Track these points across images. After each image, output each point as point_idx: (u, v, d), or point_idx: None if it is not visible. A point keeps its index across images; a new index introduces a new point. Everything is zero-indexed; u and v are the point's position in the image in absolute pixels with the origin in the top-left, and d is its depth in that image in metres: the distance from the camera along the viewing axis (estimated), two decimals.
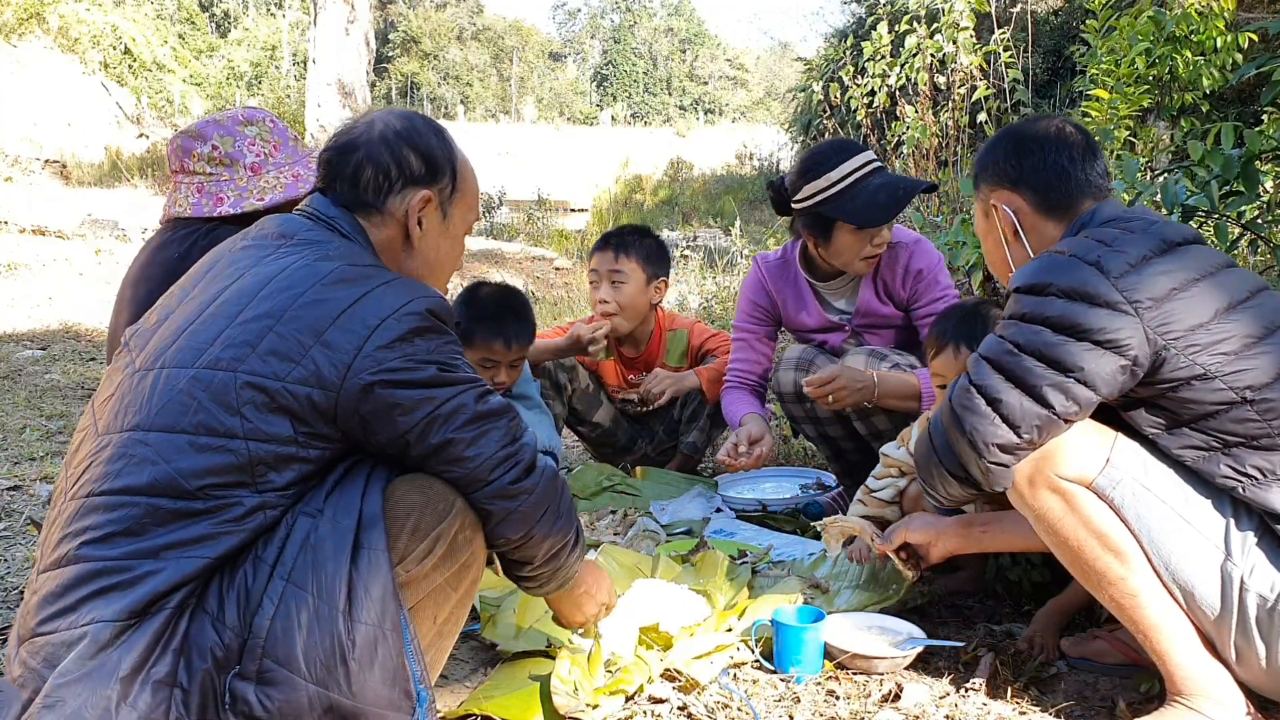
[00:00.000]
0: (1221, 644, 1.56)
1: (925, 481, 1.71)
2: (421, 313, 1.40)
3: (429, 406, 1.38)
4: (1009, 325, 1.59)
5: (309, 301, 1.37)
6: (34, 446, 3.57)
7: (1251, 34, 3.94)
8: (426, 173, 1.59)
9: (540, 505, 1.46)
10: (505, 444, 1.43)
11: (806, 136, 16.09)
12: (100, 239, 8.77)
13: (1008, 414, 1.53)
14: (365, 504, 1.36)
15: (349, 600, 1.29)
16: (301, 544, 1.31)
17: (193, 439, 1.31)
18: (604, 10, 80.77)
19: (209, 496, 1.30)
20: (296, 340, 1.35)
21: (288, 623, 1.28)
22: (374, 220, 1.57)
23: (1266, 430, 1.50)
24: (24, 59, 24.81)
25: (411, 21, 58.05)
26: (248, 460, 1.31)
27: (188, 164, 2.17)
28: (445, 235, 1.64)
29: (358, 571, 1.31)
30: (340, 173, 1.57)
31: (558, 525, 1.50)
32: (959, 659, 1.95)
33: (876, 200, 2.57)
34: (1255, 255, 4.07)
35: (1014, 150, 1.81)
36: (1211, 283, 1.54)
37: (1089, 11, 4.80)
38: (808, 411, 2.82)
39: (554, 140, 33.32)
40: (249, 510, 1.32)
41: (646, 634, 1.91)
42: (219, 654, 1.27)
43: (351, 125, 1.63)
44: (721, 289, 6.53)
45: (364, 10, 11.23)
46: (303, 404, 1.33)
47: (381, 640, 1.31)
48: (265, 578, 1.30)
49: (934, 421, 1.67)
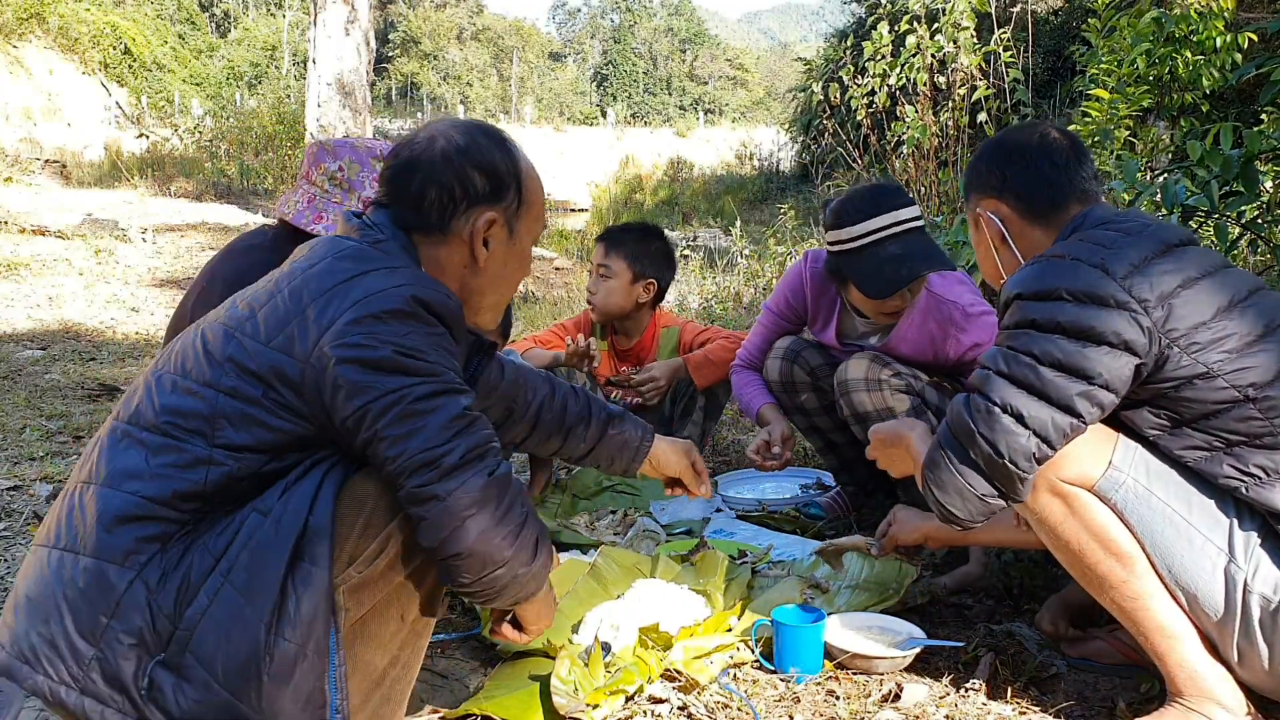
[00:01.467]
0: (1224, 646, 1.56)
1: (943, 507, 1.60)
2: (406, 298, 1.35)
3: (369, 394, 1.30)
4: (1019, 335, 1.54)
5: (317, 271, 1.39)
6: (34, 446, 3.57)
7: (1251, 34, 3.94)
8: (491, 191, 1.53)
9: (457, 515, 1.30)
10: (431, 445, 1.30)
11: (806, 136, 16.10)
12: (100, 239, 8.76)
13: (1039, 428, 1.49)
14: (314, 512, 1.31)
15: (276, 613, 1.26)
16: (245, 543, 1.29)
17: (181, 380, 1.37)
18: (604, 10, 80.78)
19: (168, 434, 1.34)
20: (286, 309, 1.36)
21: (216, 622, 1.26)
22: (434, 239, 1.52)
23: (1269, 429, 1.50)
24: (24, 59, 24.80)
25: (411, 21, 58.03)
26: (212, 411, 1.33)
27: (313, 173, 2.20)
28: (512, 252, 1.58)
29: (292, 584, 1.27)
30: (402, 192, 1.52)
31: (490, 537, 1.32)
32: (959, 659, 1.95)
33: (883, 272, 2.44)
34: (1255, 255, 4.07)
35: (998, 159, 1.81)
36: (1211, 282, 1.54)
37: (1089, 11, 4.80)
38: (795, 402, 2.81)
39: (554, 140, 33.30)
40: (194, 460, 1.32)
41: (646, 634, 1.91)
42: (148, 635, 1.27)
43: (411, 139, 1.57)
44: (721, 289, 6.53)
45: (364, 10, 11.23)
46: (274, 371, 1.33)
47: (302, 660, 1.27)
48: (207, 570, 1.29)
49: (947, 448, 1.58)
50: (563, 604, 2.09)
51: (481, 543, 1.31)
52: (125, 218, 9.84)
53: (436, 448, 1.30)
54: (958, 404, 1.59)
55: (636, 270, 3.24)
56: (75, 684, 1.28)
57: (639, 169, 20.77)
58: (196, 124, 16.42)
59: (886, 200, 2.48)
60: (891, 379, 2.51)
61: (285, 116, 14.69)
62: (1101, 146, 4.19)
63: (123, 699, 1.27)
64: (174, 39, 40.19)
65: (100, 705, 1.27)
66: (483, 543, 1.31)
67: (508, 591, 1.39)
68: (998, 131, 2.02)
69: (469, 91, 58.33)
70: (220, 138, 15.48)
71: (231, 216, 11.53)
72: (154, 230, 9.47)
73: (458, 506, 1.29)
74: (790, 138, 19.46)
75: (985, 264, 1.89)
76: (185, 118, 18.41)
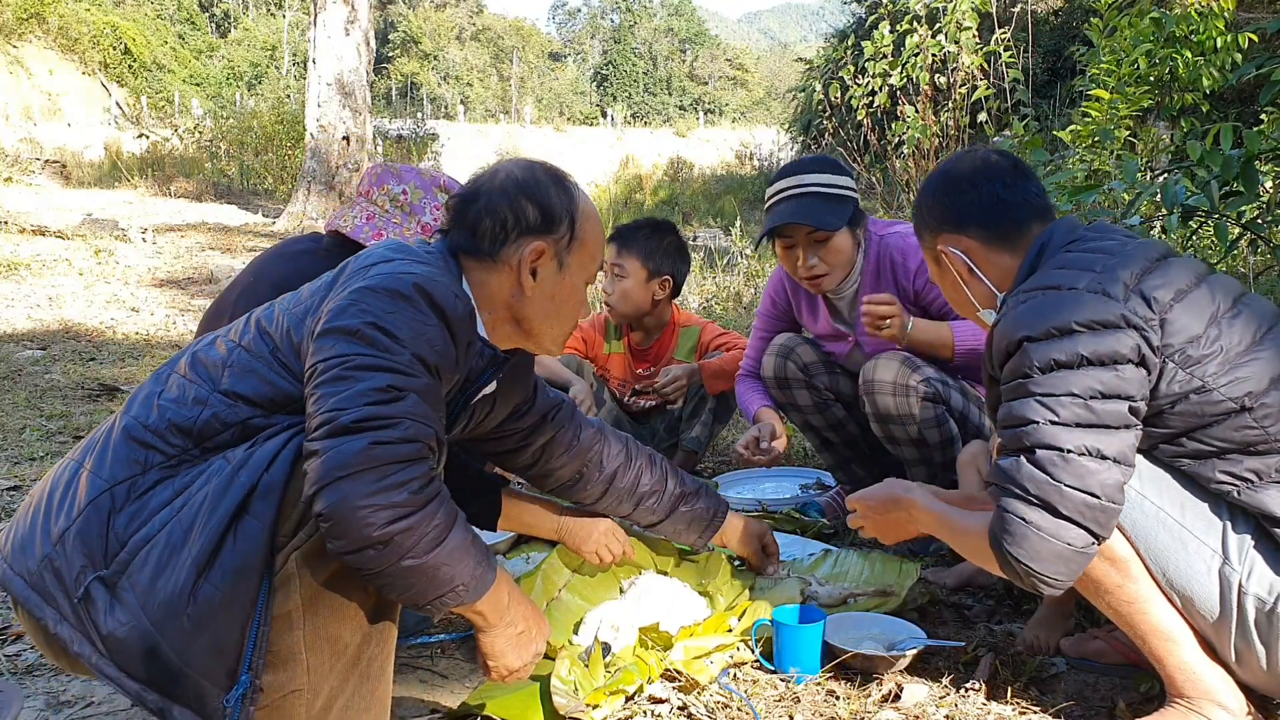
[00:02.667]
0: (1221, 647, 1.56)
1: (1042, 578, 1.49)
2: (410, 283, 1.39)
3: (322, 354, 1.33)
4: (1050, 379, 1.48)
5: (358, 262, 1.49)
6: (34, 446, 3.57)
7: (1251, 34, 3.94)
8: (543, 223, 1.59)
9: (327, 474, 1.24)
10: (339, 406, 1.27)
11: (806, 136, 16.09)
12: (100, 239, 8.77)
13: (1118, 455, 1.47)
14: (271, 469, 1.32)
15: (210, 558, 1.28)
16: (204, 486, 1.33)
17: (221, 338, 1.50)
18: (604, 10, 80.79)
19: (184, 376, 1.45)
20: (326, 286, 1.48)
21: (154, 552, 1.30)
22: (484, 265, 1.59)
23: (1264, 437, 1.50)
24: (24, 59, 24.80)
25: (411, 21, 58.03)
26: (225, 361, 1.44)
27: (374, 193, 2.22)
28: (562, 284, 1.63)
29: (232, 536, 1.29)
30: (462, 220, 1.61)
31: (355, 508, 1.23)
32: (959, 659, 1.95)
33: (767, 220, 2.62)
34: (1255, 255, 4.07)
35: (947, 192, 1.79)
36: (1199, 293, 1.54)
37: (1089, 11, 4.81)
38: (790, 399, 2.81)
39: (554, 140, 33.31)
40: (194, 399, 1.41)
41: (646, 634, 1.91)
42: (96, 549, 1.32)
43: (480, 173, 1.67)
44: (721, 289, 6.53)
45: (364, 10, 11.23)
46: (284, 331, 1.44)
47: (224, 609, 1.27)
48: (165, 502, 1.33)
49: (1028, 518, 1.47)
50: (563, 604, 2.10)
51: (346, 508, 1.23)
52: (125, 218, 9.86)
53: (341, 409, 1.28)
54: (1014, 470, 1.49)
55: (650, 268, 3.23)
56: (28, 578, 1.35)
57: (639, 169, 20.76)
58: (196, 124, 16.43)
59: (796, 167, 2.64)
60: (920, 385, 2.47)
61: (285, 116, 14.70)
62: (1101, 146, 4.19)
63: (64, 602, 1.32)
64: (174, 39, 40.21)
65: (42, 603, 1.33)
66: (347, 509, 1.23)
67: (399, 585, 1.30)
68: (939, 166, 1.93)
69: (469, 91, 58.32)
70: (220, 138, 15.49)
71: (231, 216, 11.54)
72: (154, 230, 9.48)
73: (333, 463, 1.24)
74: (790, 138, 19.46)
75: (956, 299, 1.86)
76: (185, 118, 18.42)
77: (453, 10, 62.56)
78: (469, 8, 64.45)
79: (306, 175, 11.34)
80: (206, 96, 29.47)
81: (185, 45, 41.53)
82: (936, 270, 1.86)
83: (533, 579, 2.10)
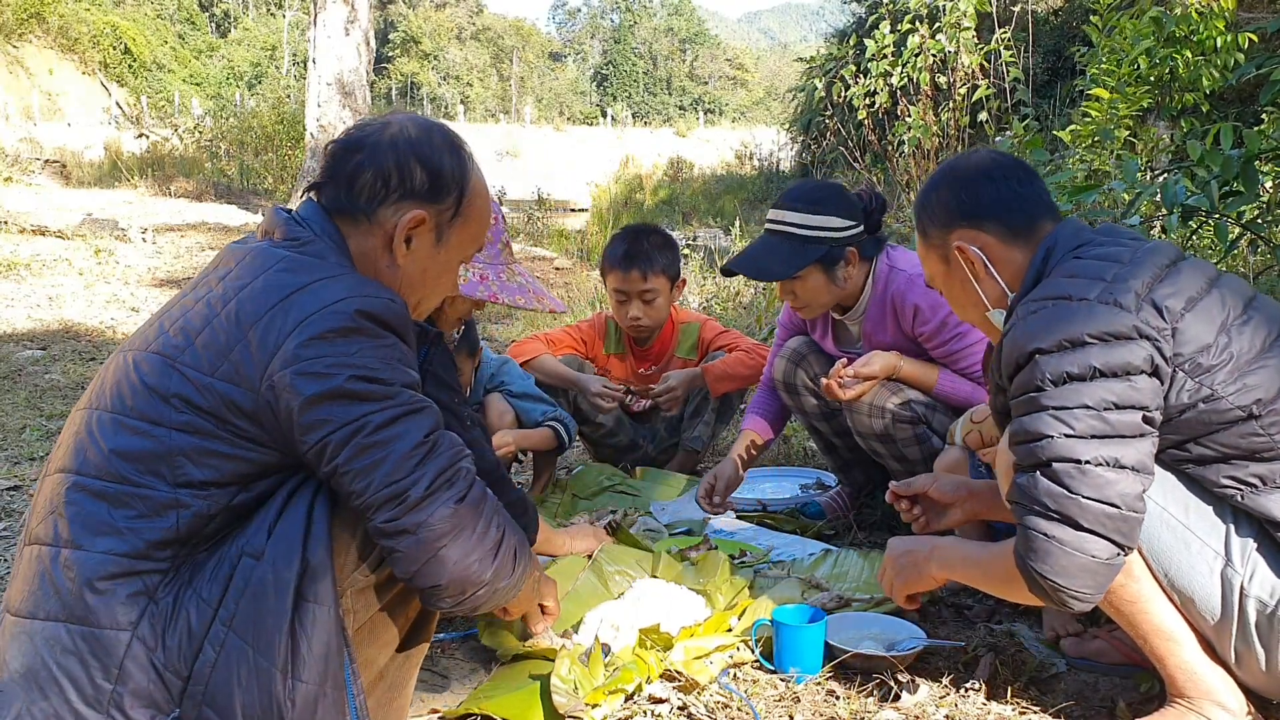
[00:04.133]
0: (1221, 648, 1.56)
1: (1071, 594, 1.47)
2: (350, 312, 1.28)
3: (328, 427, 1.26)
4: (1064, 391, 1.47)
5: (253, 290, 1.31)
6: (34, 446, 3.57)
7: (1251, 34, 3.94)
8: (429, 190, 1.45)
9: (430, 546, 1.27)
10: (396, 478, 1.27)
11: (807, 136, 16.10)
12: (100, 239, 8.77)
13: (1136, 464, 1.45)
14: (309, 548, 1.28)
15: (290, 657, 1.25)
16: (243, 590, 1.26)
17: (123, 419, 1.30)
18: (604, 10, 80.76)
19: (123, 480, 1.27)
20: (227, 334, 1.29)
21: (227, 674, 1.24)
22: (361, 227, 1.44)
23: (1270, 444, 1.49)
24: (24, 59, 24.79)
25: (411, 21, 58.02)
26: (167, 450, 1.27)
27: None
28: (435, 260, 1.49)
29: (300, 626, 1.25)
30: (339, 171, 1.44)
31: (468, 564, 1.30)
32: (959, 659, 1.95)
33: (741, 256, 2.65)
34: (1255, 255, 4.07)
35: (961, 186, 1.75)
36: (1209, 301, 1.52)
37: (1090, 10, 4.81)
38: (797, 404, 2.82)
39: (554, 140, 33.31)
40: (160, 505, 1.27)
41: (646, 634, 1.90)
42: (157, 693, 1.25)
43: (367, 122, 1.51)
44: (721, 289, 6.53)
45: (364, 10, 11.22)
46: (225, 402, 1.27)
47: (322, 699, 1.26)
48: (208, 620, 1.26)
49: (1050, 533, 1.45)
50: (563, 604, 2.09)
51: (459, 570, 1.29)
52: (125, 218, 9.85)
53: (401, 480, 1.27)
54: (1032, 487, 1.48)
55: (671, 276, 3.26)
56: None
57: (639, 169, 20.78)
58: (196, 124, 16.43)
59: (784, 199, 2.62)
60: (896, 408, 2.48)
61: (285, 116, 14.70)
62: (1101, 146, 4.19)
63: None
64: (174, 39, 40.21)
65: None
66: (460, 570, 1.29)
67: (490, 604, 1.38)
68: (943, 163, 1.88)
69: (469, 91, 58.32)
70: (220, 138, 15.49)
71: (231, 216, 11.53)
72: (154, 230, 9.48)
73: (430, 538, 1.27)
74: (790, 138, 19.46)
75: (962, 299, 1.79)
76: (185, 118, 18.41)
77: (453, 10, 62.55)
78: (469, 8, 64.44)
79: (306, 175, 11.35)
80: (206, 96, 29.48)
81: (185, 45, 41.54)
82: (943, 270, 1.79)
83: None
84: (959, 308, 1.84)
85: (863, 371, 2.47)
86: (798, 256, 2.51)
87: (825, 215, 2.51)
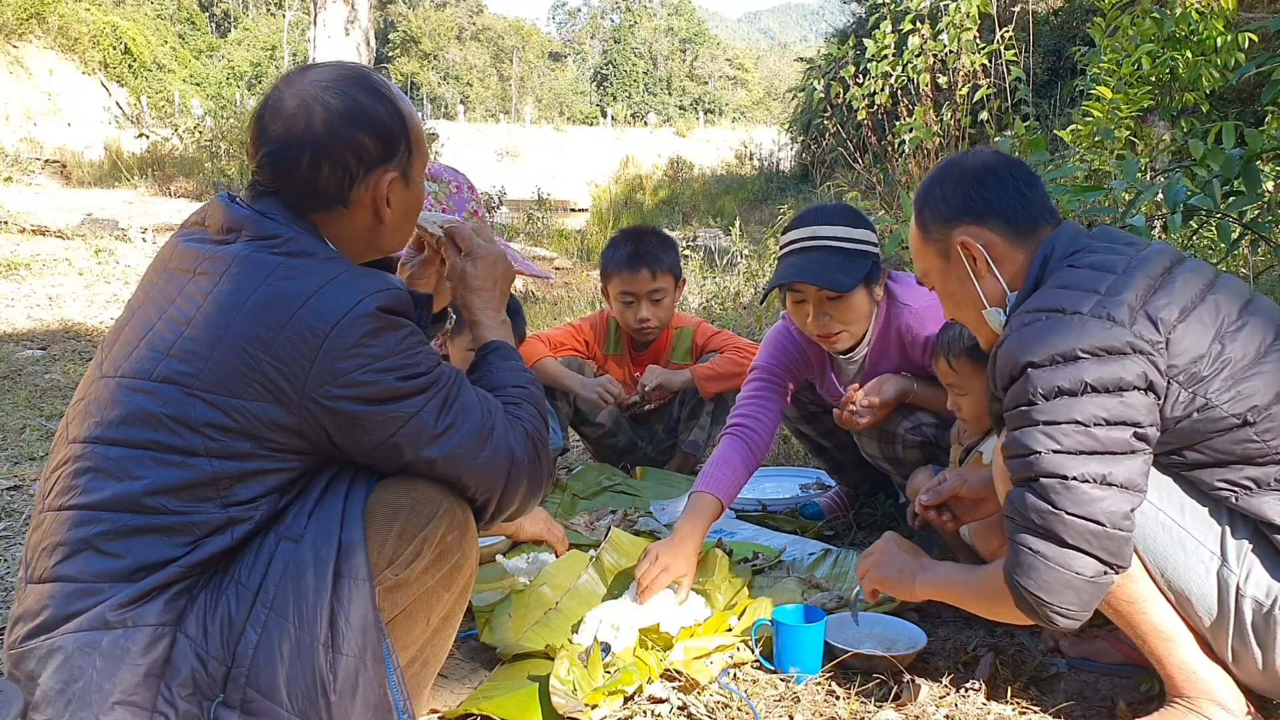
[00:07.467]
0: (1218, 648, 1.56)
1: (1055, 609, 1.48)
2: (370, 314, 1.33)
3: (390, 428, 1.35)
4: (1054, 406, 1.46)
5: (258, 304, 1.31)
6: (34, 446, 3.57)
7: (1252, 34, 3.94)
8: (385, 150, 1.46)
9: (517, 470, 1.47)
10: (477, 449, 1.42)
11: (806, 136, 16.09)
12: (100, 239, 8.76)
13: (1125, 481, 1.45)
14: (345, 528, 1.33)
15: (330, 631, 1.29)
16: (283, 572, 1.30)
17: (155, 455, 1.30)
18: (604, 10, 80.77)
19: (170, 512, 1.29)
20: (243, 354, 1.30)
21: (270, 653, 1.28)
22: (336, 214, 1.45)
23: (1264, 450, 1.49)
24: (24, 59, 24.80)
25: (411, 21, 58.01)
26: (211, 476, 1.30)
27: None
28: (410, 195, 1.53)
29: (339, 601, 1.30)
30: (291, 175, 1.42)
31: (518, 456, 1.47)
32: (959, 659, 1.95)
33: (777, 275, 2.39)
34: (1256, 255, 4.06)
35: (968, 183, 1.72)
36: (1204, 309, 1.51)
37: (1090, 10, 4.81)
38: None
39: (554, 140, 33.31)
40: (215, 527, 1.31)
41: (646, 634, 1.90)
42: (201, 681, 1.28)
43: (277, 107, 1.43)
44: (721, 289, 6.53)
45: (364, 10, 11.23)
46: (263, 422, 1.30)
47: (363, 671, 1.30)
48: (249, 605, 1.29)
49: (1035, 548, 1.47)
50: (563, 604, 2.09)
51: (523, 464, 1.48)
52: (125, 218, 9.84)
53: (480, 450, 1.42)
54: (1021, 501, 1.49)
55: (674, 275, 3.28)
56: None
57: (639, 169, 20.77)
58: (197, 124, 16.40)
59: (813, 216, 2.40)
60: (906, 433, 2.43)
61: None
62: (1102, 146, 4.19)
63: None
64: (174, 39, 40.22)
65: None
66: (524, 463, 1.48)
67: (524, 492, 1.52)
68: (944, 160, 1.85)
69: (469, 91, 58.35)
70: (220, 138, 15.46)
71: None
72: (154, 230, 9.46)
73: (534, 479, 1.51)
74: (790, 138, 19.45)
75: (960, 296, 1.76)
76: (185, 118, 18.39)
77: (453, 10, 62.56)
78: (469, 8, 64.45)
79: None
80: (206, 96, 29.46)
81: (185, 45, 41.55)
82: (940, 265, 1.77)
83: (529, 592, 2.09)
84: (952, 305, 1.81)
85: (876, 400, 2.40)
86: (854, 268, 2.31)
87: (863, 229, 2.37)
